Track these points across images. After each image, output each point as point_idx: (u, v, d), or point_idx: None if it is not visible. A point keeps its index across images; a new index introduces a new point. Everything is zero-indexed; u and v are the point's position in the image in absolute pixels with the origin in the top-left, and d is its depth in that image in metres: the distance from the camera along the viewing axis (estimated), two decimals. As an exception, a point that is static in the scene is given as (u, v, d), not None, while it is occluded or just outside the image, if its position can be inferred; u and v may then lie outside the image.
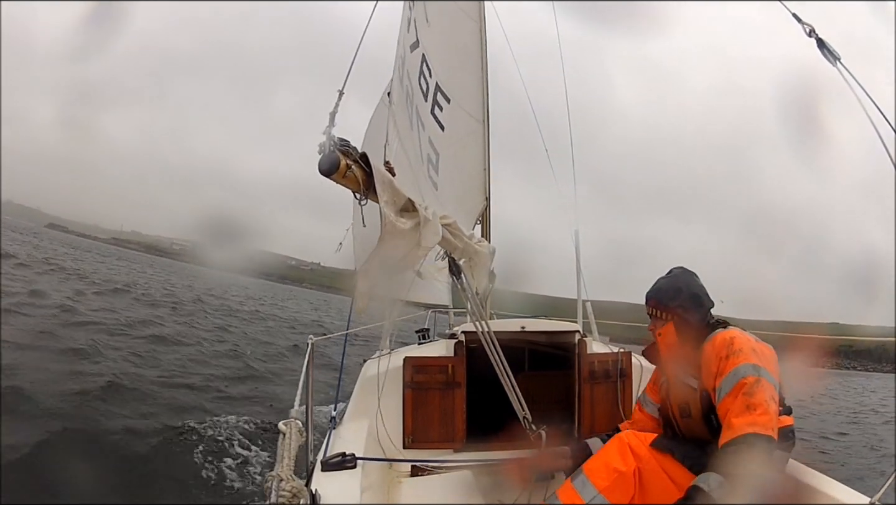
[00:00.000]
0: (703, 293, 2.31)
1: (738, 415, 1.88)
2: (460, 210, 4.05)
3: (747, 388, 1.91)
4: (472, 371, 3.26)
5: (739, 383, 1.93)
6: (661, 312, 2.30)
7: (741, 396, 1.91)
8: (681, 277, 2.35)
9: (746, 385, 1.92)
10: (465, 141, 4.20)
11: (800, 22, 2.17)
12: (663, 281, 2.37)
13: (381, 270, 1.74)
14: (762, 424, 1.84)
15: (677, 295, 2.28)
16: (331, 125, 1.55)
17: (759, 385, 1.91)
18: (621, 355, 3.53)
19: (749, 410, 1.87)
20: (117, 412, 6.19)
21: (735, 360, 1.99)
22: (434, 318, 6.73)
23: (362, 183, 1.62)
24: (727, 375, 1.98)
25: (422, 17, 2.86)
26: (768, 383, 1.94)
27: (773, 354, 2.09)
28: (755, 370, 1.95)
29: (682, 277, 2.35)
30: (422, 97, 3.01)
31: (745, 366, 1.97)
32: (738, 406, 1.90)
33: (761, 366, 1.97)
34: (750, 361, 1.98)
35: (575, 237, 4.96)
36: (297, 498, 1.73)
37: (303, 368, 2.76)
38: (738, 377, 1.95)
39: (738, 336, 2.08)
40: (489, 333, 2.60)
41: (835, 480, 2.18)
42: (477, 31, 4.53)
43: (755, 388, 1.90)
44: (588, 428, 3.40)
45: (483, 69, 4.60)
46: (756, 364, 1.97)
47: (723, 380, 1.99)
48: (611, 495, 2.10)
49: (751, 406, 1.88)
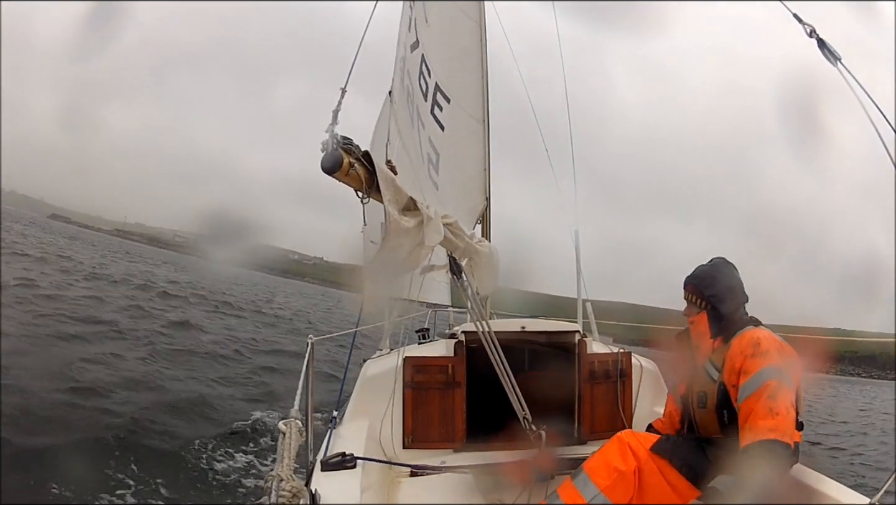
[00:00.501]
0: (738, 287, 2.29)
1: (762, 418, 1.89)
2: (461, 210, 4.05)
3: (771, 391, 1.91)
4: (472, 371, 3.26)
5: (764, 385, 1.93)
6: (697, 299, 2.29)
7: (765, 399, 1.91)
8: (719, 268, 2.33)
9: (770, 388, 1.92)
10: (465, 141, 4.20)
11: (800, 22, 2.17)
12: (702, 269, 2.35)
13: (385, 269, 1.74)
14: (782, 430, 1.86)
15: (713, 284, 2.27)
16: (333, 123, 1.55)
17: (782, 390, 1.92)
18: (621, 356, 3.53)
19: (772, 415, 1.88)
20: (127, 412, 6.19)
21: (761, 361, 1.99)
22: (434, 318, 6.73)
23: (364, 181, 1.62)
24: (752, 376, 1.98)
25: (421, 17, 2.86)
26: (789, 389, 1.95)
27: (798, 359, 2.09)
28: (779, 374, 1.95)
29: (720, 267, 2.33)
30: (422, 97, 3.01)
31: (770, 369, 1.97)
32: (761, 409, 1.90)
33: (785, 371, 1.98)
34: (775, 365, 1.98)
35: (575, 237, 4.95)
36: (297, 498, 1.73)
37: (303, 368, 2.76)
38: (763, 379, 1.95)
39: (766, 337, 2.07)
40: (489, 333, 2.60)
41: (834, 480, 2.18)
42: (477, 31, 4.53)
43: (778, 392, 1.91)
44: (588, 428, 3.40)
45: (483, 69, 4.60)
46: (780, 369, 1.97)
47: (747, 380, 1.99)
48: (612, 494, 2.11)
49: (774, 410, 1.88)
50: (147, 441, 5.61)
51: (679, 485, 2.11)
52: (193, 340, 12.02)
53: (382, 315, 4.26)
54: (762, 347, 2.03)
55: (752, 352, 2.03)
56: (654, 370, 3.59)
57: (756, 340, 2.06)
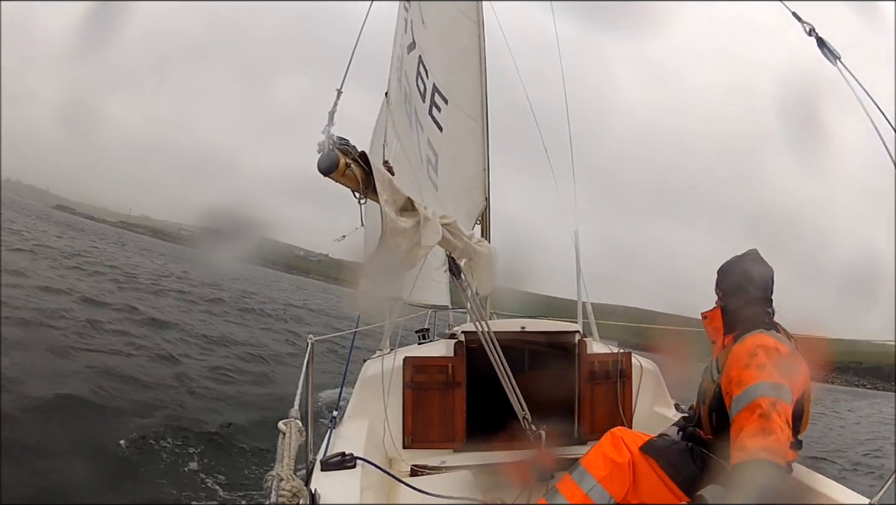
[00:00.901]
0: (751, 284, 2.14)
1: (752, 437, 1.80)
2: (460, 210, 4.05)
3: (764, 409, 1.81)
4: (472, 371, 3.26)
5: (756, 403, 1.84)
6: (716, 291, 2.24)
7: (757, 416, 1.82)
8: (739, 261, 2.21)
9: (763, 406, 1.82)
10: (464, 141, 4.20)
11: (800, 21, 2.18)
12: (728, 261, 2.25)
13: (382, 270, 1.74)
14: (774, 450, 1.77)
15: (725, 278, 2.20)
16: (330, 124, 1.55)
17: (776, 408, 1.82)
18: (621, 356, 3.54)
19: (764, 434, 1.79)
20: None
21: (757, 374, 1.89)
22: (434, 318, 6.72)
23: (361, 182, 1.63)
24: (745, 390, 1.88)
25: (418, 18, 2.87)
26: (786, 405, 1.84)
27: (805, 367, 2.00)
28: (775, 390, 1.85)
29: (741, 261, 2.21)
30: (419, 98, 3.01)
31: (765, 385, 1.86)
32: (753, 427, 1.81)
33: (783, 385, 1.87)
34: (771, 380, 1.87)
35: (575, 237, 4.95)
36: (297, 498, 1.74)
37: (302, 368, 2.76)
38: (756, 395, 1.85)
39: (766, 346, 1.96)
40: (489, 333, 2.60)
41: (834, 481, 2.18)
42: (475, 31, 4.52)
43: (772, 410, 1.81)
44: (588, 428, 3.40)
45: (481, 69, 4.59)
46: (777, 383, 1.87)
47: (741, 393, 1.90)
48: (609, 485, 2.13)
49: (766, 430, 1.79)
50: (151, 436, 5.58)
51: (669, 485, 2.12)
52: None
53: (382, 315, 4.26)
54: (759, 358, 1.92)
55: (747, 362, 1.93)
56: (654, 370, 3.60)
57: (754, 349, 1.95)
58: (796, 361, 1.99)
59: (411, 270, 1.96)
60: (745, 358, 1.95)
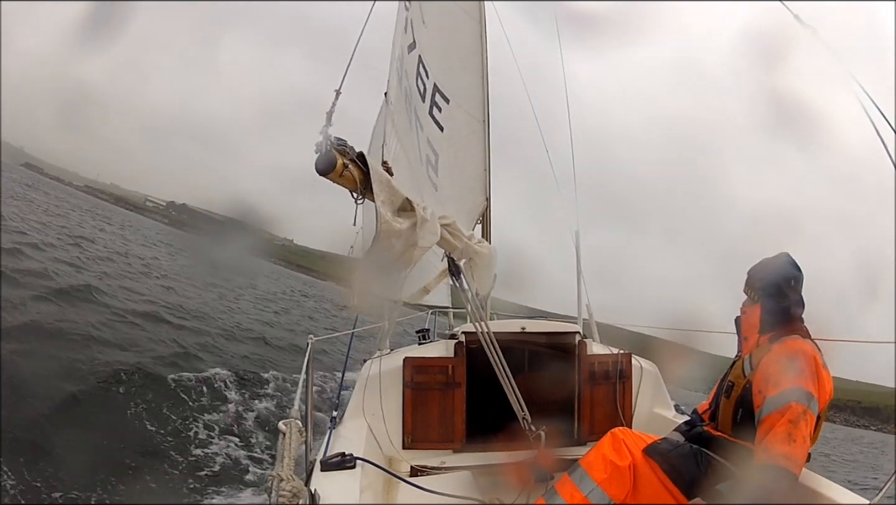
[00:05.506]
0: (788, 287, 2.16)
1: (780, 442, 1.84)
2: (460, 210, 4.05)
3: (794, 415, 1.86)
4: (472, 371, 3.26)
5: (789, 406, 1.87)
6: (750, 291, 2.26)
7: (787, 421, 1.86)
8: (775, 262, 2.23)
9: (794, 412, 1.86)
10: (465, 141, 4.19)
11: (801, 22, 2.17)
12: (763, 261, 2.27)
13: (376, 270, 1.74)
14: (794, 459, 1.83)
15: (765, 277, 2.22)
16: (327, 124, 1.55)
17: (805, 417, 1.86)
18: (621, 357, 3.53)
19: (790, 441, 1.83)
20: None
21: (793, 379, 1.92)
22: (434, 318, 6.72)
23: (359, 182, 1.62)
24: (782, 392, 1.92)
25: (418, 18, 2.86)
26: (812, 416, 1.90)
27: (831, 382, 2.03)
28: (808, 399, 1.89)
29: (777, 262, 2.23)
30: (419, 98, 3.01)
31: (801, 391, 1.90)
32: (780, 431, 1.85)
33: (814, 396, 1.92)
34: (806, 388, 1.91)
35: (575, 238, 4.94)
36: (297, 498, 1.74)
37: (302, 368, 2.77)
38: (791, 399, 1.88)
39: (805, 354, 1.99)
40: (489, 334, 2.60)
41: (834, 482, 2.18)
42: (477, 31, 4.52)
43: (801, 419, 1.86)
44: (588, 429, 3.40)
45: (483, 68, 4.59)
46: (810, 393, 1.91)
47: (777, 393, 1.93)
48: (609, 488, 2.11)
49: (792, 437, 1.83)
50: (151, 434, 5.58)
51: (671, 488, 2.11)
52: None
53: (380, 315, 4.26)
54: (798, 363, 1.95)
55: (787, 365, 1.96)
56: (654, 371, 3.59)
57: (793, 354, 1.98)
58: (826, 375, 2.02)
59: (408, 270, 1.96)
60: (786, 361, 1.98)
